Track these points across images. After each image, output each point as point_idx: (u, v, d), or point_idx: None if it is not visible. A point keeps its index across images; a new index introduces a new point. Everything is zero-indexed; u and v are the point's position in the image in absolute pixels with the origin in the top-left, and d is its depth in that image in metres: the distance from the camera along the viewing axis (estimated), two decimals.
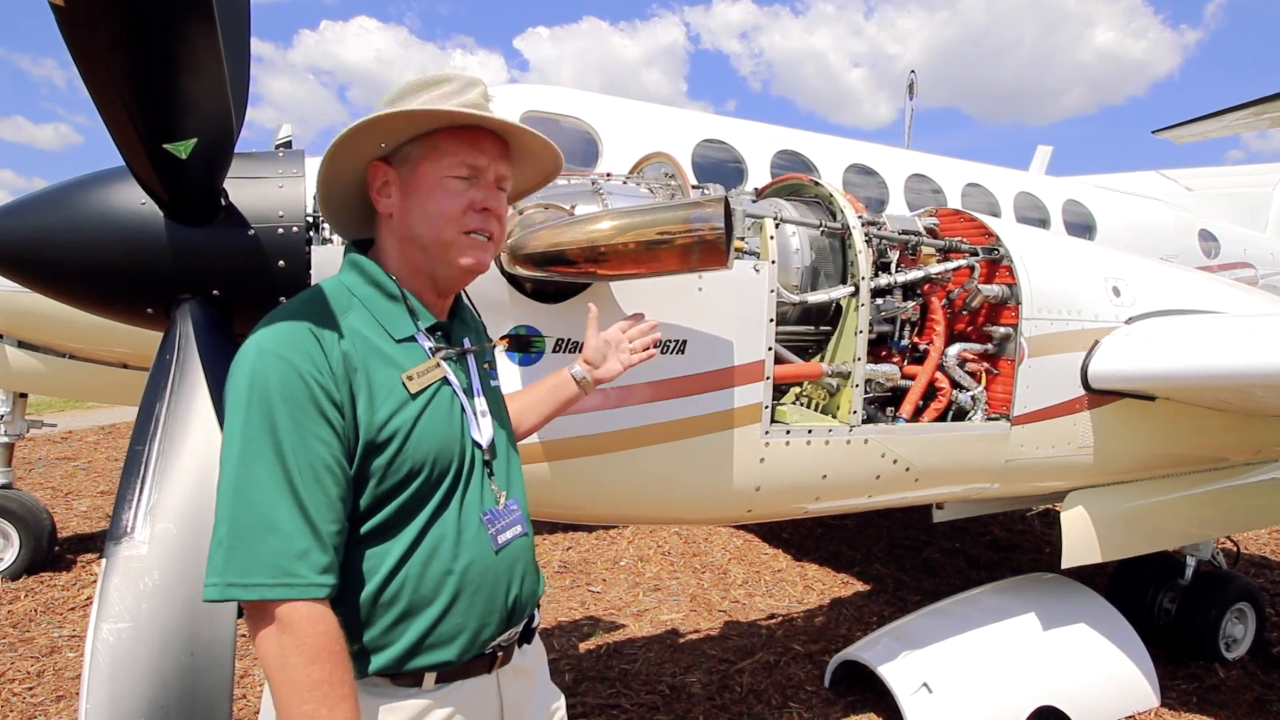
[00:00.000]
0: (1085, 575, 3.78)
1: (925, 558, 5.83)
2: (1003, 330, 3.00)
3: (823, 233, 2.80)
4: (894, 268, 2.99)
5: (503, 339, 2.28)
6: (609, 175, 2.51)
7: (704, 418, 2.45)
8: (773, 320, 2.49)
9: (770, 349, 2.49)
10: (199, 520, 1.63)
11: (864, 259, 2.72)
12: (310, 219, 2.06)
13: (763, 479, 2.59)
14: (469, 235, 1.41)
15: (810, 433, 2.64)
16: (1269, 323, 3.04)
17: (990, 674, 3.32)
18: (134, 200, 1.88)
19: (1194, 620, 4.10)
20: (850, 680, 3.77)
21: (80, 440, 9.87)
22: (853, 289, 2.72)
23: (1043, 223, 7.85)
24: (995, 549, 6.11)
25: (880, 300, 2.87)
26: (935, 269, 2.94)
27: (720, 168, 6.25)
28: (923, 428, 2.87)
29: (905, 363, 2.93)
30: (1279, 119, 10.42)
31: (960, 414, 2.99)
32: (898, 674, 3.30)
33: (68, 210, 1.91)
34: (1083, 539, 3.36)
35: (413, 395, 1.33)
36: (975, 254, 3.03)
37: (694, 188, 2.53)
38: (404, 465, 1.31)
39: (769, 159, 6.46)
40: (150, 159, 1.62)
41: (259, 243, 1.97)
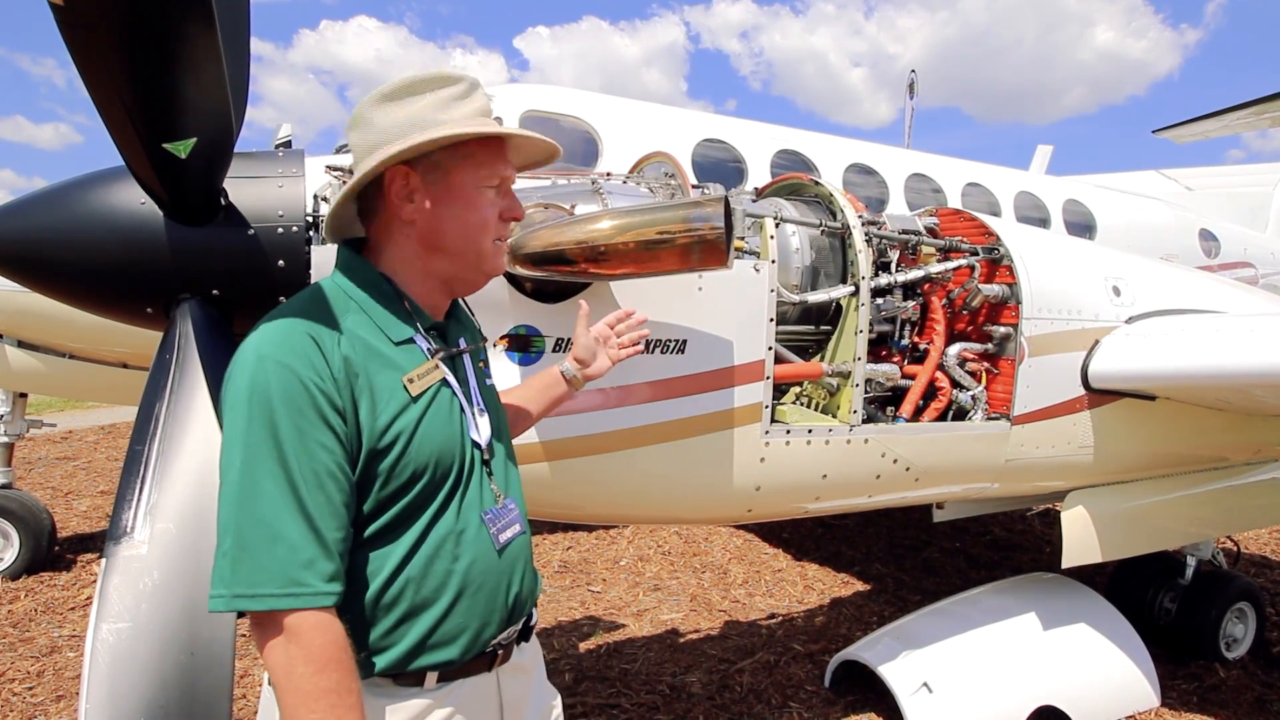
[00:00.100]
0: (1085, 575, 3.78)
1: (925, 557, 5.83)
2: (1003, 330, 3.00)
3: (823, 232, 2.80)
4: (894, 267, 2.99)
5: (503, 339, 2.28)
6: (609, 175, 2.50)
7: (704, 417, 2.45)
8: (773, 320, 2.49)
9: (770, 348, 2.49)
10: (199, 520, 1.63)
11: (864, 258, 2.72)
12: (310, 219, 2.06)
13: (763, 479, 2.59)
14: (497, 243, 1.45)
15: (810, 432, 2.64)
16: (1269, 322, 3.04)
17: (990, 674, 3.32)
18: (134, 200, 1.88)
19: (1194, 620, 4.10)
20: (850, 680, 3.77)
21: (80, 440, 9.87)
22: (853, 288, 2.72)
23: (1043, 222, 7.85)
24: (995, 549, 6.11)
25: (880, 300, 2.87)
26: (935, 268, 2.94)
27: (720, 167, 6.25)
28: (923, 427, 2.87)
29: (905, 362, 2.93)
30: (1279, 119, 10.43)
31: (960, 414, 2.99)
32: (898, 674, 3.30)
33: (67, 210, 1.90)
34: (1083, 539, 3.36)
35: (414, 398, 1.33)
36: (975, 253, 3.03)
37: (694, 187, 2.53)
38: (407, 468, 1.31)
39: (769, 158, 6.47)
40: (150, 158, 1.61)
41: (259, 242, 1.97)
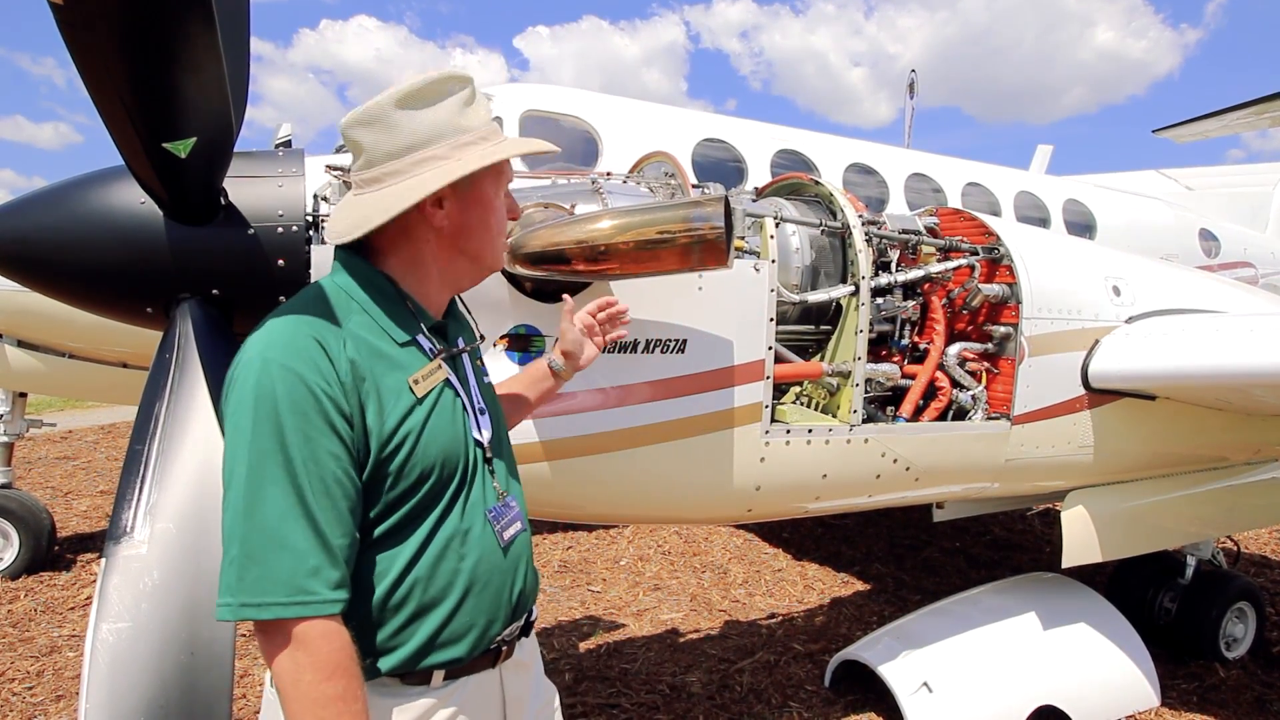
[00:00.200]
0: (1085, 575, 3.78)
1: (925, 557, 5.83)
2: (1003, 329, 3.00)
3: (823, 232, 2.80)
4: (894, 267, 2.99)
5: (503, 338, 2.28)
6: (609, 174, 2.51)
7: (704, 417, 2.45)
8: (773, 319, 2.49)
9: (770, 348, 2.49)
10: (199, 520, 1.63)
11: (864, 258, 2.72)
12: (310, 218, 2.06)
13: (763, 478, 2.59)
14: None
15: (810, 432, 2.64)
16: (1269, 322, 3.04)
17: (990, 673, 3.32)
18: (133, 199, 1.88)
19: (1194, 619, 4.10)
20: (850, 680, 3.77)
21: (80, 440, 9.86)
22: (853, 288, 2.72)
23: (1043, 222, 7.85)
24: (995, 548, 6.11)
25: (880, 299, 2.87)
26: (935, 268, 2.94)
27: (720, 167, 6.25)
28: (923, 427, 2.87)
29: (905, 362, 2.93)
30: (1279, 119, 10.42)
31: (960, 413, 2.99)
32: (898, 673, 3.30)
33: (67, 209, 1.90)
34: (1083, 538, 3.36)
35: (419, 399, 1.33)
36: (975, 253, 3.04)
37: (694, 187, 2.53)
38: (414, 470, 1.30)
39: (769, 158, 6.46)
40: (150, 158, 1.61)
41: (259, 242, 1.97)
